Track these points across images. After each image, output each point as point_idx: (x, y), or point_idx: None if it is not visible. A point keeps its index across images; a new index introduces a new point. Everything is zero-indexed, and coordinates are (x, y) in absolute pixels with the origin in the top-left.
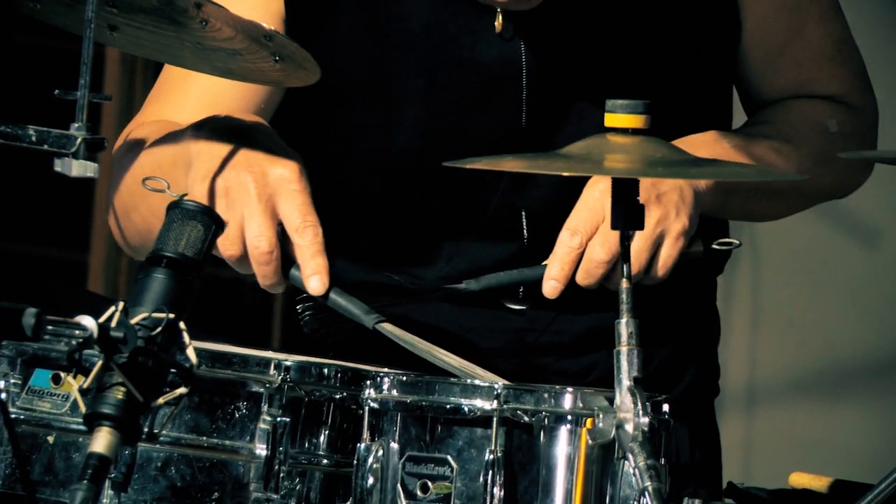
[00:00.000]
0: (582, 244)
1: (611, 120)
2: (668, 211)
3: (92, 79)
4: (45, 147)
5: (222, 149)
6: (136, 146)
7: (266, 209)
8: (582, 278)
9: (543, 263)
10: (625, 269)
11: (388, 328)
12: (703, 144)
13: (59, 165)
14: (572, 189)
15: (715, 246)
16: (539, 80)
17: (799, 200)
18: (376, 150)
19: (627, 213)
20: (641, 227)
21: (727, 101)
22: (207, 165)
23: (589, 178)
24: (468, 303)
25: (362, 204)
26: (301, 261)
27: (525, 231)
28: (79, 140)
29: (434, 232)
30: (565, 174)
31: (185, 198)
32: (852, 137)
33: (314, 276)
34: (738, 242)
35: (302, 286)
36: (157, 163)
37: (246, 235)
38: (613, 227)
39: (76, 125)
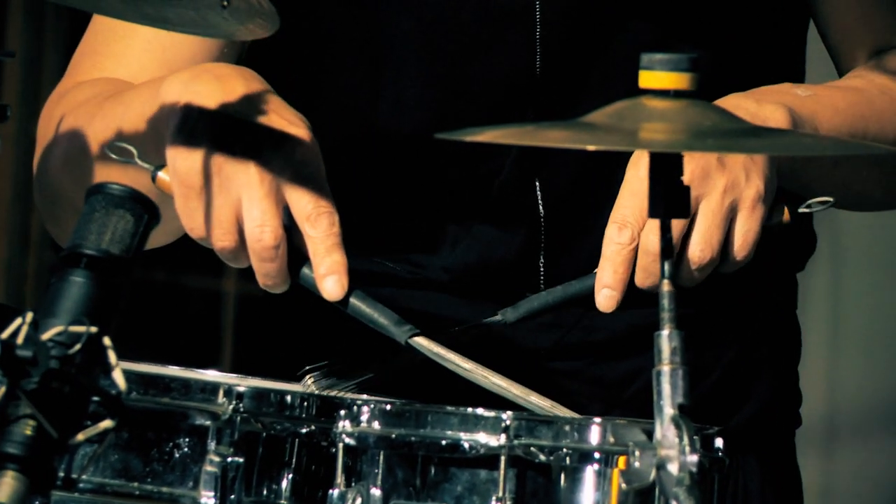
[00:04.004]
0: (634, 238)
1: (647, 79)
2: (735, 175)
3: None
4: None
5: (210, 111)
6: (77, 111)
7: (270, 191)
8: (641, 279)
9: (593, 272)
10: (666, 267)
11: (424, 343)
12: (769, 93)
13: None
14: (596, 152)
15: (804, 209)
16: (557, 13)
17: None
18: (361, 112)
19: (669, 197)
20: (686, 215)
21: (799, 57)
22: (191, 132)
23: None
24: (475, 294)
25: (347, 179)
26: (314, 257)
27: (541, 207)
28: None
29: (434, 211)
30: (590, 148)
31: (158, 171)
32: None
33: (330, 277)
34: (831, 200)
35: (314, 288)
36: (113, 129)
37: (245, 224)
38: (652, 214)
39: None
